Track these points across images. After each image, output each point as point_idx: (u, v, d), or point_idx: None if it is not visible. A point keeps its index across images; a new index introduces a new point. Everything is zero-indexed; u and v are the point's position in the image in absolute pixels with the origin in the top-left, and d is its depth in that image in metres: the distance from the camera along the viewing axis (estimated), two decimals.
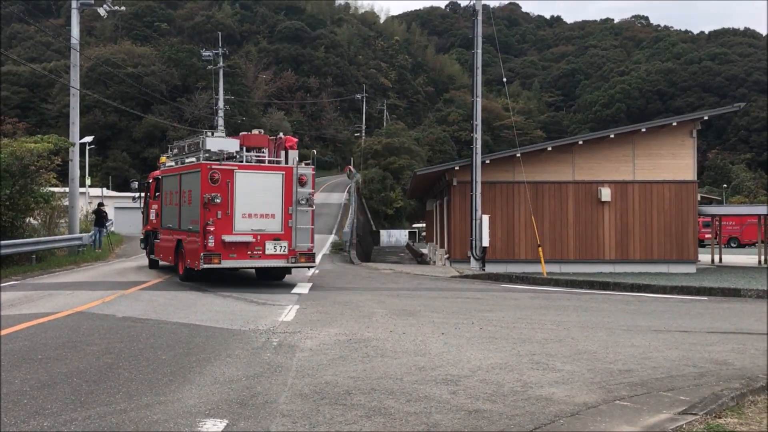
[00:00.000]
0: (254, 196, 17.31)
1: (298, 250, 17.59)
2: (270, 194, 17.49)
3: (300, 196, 17.64)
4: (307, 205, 17.77)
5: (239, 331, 10.51)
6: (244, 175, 17.32)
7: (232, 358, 8.48)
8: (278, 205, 17.52)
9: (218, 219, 16.89)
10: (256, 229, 17.30)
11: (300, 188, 17.67)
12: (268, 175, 17.63)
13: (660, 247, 26.20)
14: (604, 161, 26.57)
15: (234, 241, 17.01)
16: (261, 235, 17.31)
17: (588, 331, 10.82)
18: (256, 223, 17.33)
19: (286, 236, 17.53)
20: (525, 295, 16.93)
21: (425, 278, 21.68)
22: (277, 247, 17.43)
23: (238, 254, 17.10)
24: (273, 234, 17.43)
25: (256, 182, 17.42)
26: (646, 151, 26.53)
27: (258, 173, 17.57)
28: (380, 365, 8.05)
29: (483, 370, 7.81)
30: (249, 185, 17.30)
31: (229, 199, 17.01)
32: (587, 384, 7.20)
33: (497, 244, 26.04)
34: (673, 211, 26.24)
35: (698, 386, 7.14)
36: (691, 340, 10.05)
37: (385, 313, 12.72)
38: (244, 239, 17.09)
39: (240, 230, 17.14)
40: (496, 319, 12.09)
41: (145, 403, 6.39)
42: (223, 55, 57.19)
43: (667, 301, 16.03)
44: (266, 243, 17.33)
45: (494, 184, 26.34)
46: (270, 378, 7.39)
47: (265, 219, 17.41)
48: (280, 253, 17.47)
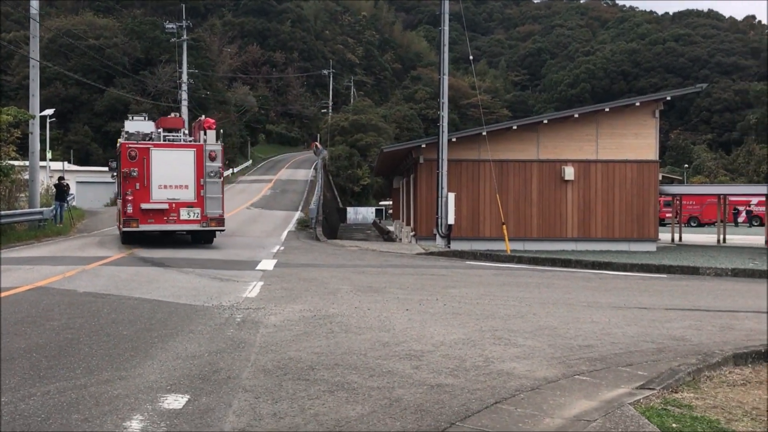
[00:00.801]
0: (169, 170, 20.53)
1: (209, 215, 20.91)
2: (183, 168, 20.63)
3: (210, 170, 20.82)
4: (216, 177, 20.91)
5: (202, 307, 10.44)
6: (160, 151, 20.67)
7: (194, 333, 8.43)
8: (191, 178, 20.66)
9: (136, 190, 20.30)
10: (171, 198, 20.61)
11: (210, 162, 20.79)
12: (182, 152, 20.91)
13: (621, 226, 26.55)
14: (568, 140, 26.78)
15: (151, 209, 20.39)
16: (176, 203, 20.67)
17: (549, 308, 10.95)
18: (171, 193, 20.60)
19: (199, 204, 20.82)
20: (489, 272, 17.06)
21: (391, 255, 21.73)
22: (190, 213, 20.77)
23: (156, 219, 20.52)
24: (187, 202, 20.74)
25: (170, 158, 20.69)
26: (609, 131, 26.78)
27: (172, 150, 20.93)
28: (344, 341, 8.06)
29: (446, 346, 7.86)
30: (164, 160, 20.54)
31: (145, 173, 20.37)
32: (548, 359, 7.29)
33: (462, 222, 26.17)
34: (634, 191, 26.57)
35: (656, 362, 7.27)
36: (650, 317, 10.22)
37: (351, 289, 12.73)
38: (160, 207, 20.50)
39: (157, 199, 20.50)
40: (459, 296, 12.17)
41: (106, 378, 6.33)
42: (187, 27, 56.38)
43: (628, 279, 16.27)
44: (181, 210, 20.69)
45: (460, 162, 26.40)
46: (233, 354, 7.37)
47: (179, 189, 20.66)
48: (194, 219, 20.79)
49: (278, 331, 8.64)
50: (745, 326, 9.57)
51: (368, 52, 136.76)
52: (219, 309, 10.25)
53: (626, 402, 5.75)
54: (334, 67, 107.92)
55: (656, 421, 5.30)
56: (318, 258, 20.10)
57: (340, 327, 8.93)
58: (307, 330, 8.70)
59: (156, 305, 10.52)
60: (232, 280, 13.86)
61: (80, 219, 34.02)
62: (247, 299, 11.27)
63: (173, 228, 21.14)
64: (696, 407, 5.75)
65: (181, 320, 9.32)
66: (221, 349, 7.57)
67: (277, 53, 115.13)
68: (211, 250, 20.92)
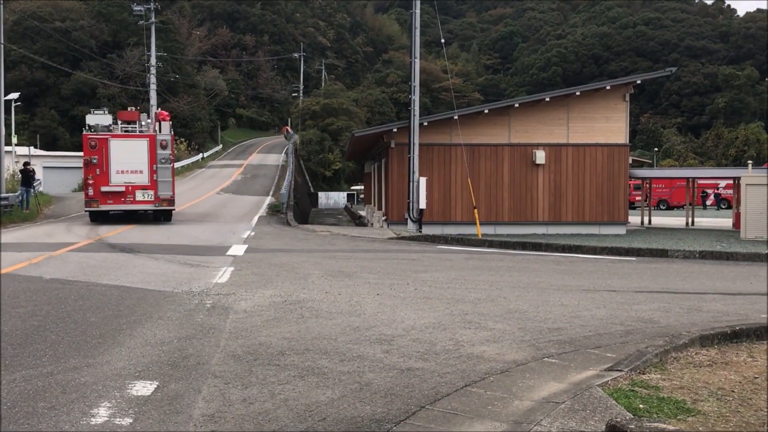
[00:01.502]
0: (126, 157, 24.20)
1: (161, 197, 24.61)
2: (138, 156, 24.31)
3: (161, 157, 24.47)
4: (167, 164, 24.59)
5: (171, 293, 10.39)
6: (117, 141, 24.37)
7: (163, 320, 8.39)
8: (145, 164, 24.34)
9: (97, 175, 24.11)
10: (127, 181, 24.32)
11: (161, 150, 24.48)
12: (136, 142, 24.56)
13: (592, 209, 26.80)
14: (540, 124, 26.91)
15: (110, 191, 24.21)
16: (132, 186, 24.35)
17: (520, 291, 11.04)
18: (127, 177, 24.34)
19: (152, 187, 24.41)
20: (460, 257, 17.14)
21: (362, 240, 21.75)
22: (145, 195, 24.46)
23: (114, 200, 24.36)
24: (141, 185, 24.40)
25: (126, 147, 24.39)
26: (580, 115, 26.95)
27: (128, 140, 24.57)
28: (315, 326, 8.07)
29: (416, 330, 7.90)
30: (121, 149, 24.27)
31: (104, 160, 24.06)
32: (517, 342, 7.36)
33: (434, 207, 26.23)
34: (605, 174, 26.80)
35: (624, 344, 7.37)
36: (619, 299, 10.34)
37: (321, 274, 12.73)
38: (118, 189, 24.26)
39: (115, 183, 24.22)
40: (430, 280, 12.22)
41: (73, 366, 6.28)
42: (155, 10, 55.60)
43: (597, 262, 16.45)
44: (136, 192, 24.40)
45: (432, 146, 26.42)
46: (202, 340, 7.35)
47: (134, 174, 24.37)
48: (148, 200, 24.52)
49: (248, 316, 8.62)
50: (713, 308, 9.73)
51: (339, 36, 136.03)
52: (189, 295, 10.20)
53: (594, 384, 5.83)
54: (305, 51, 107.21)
55: (623, 402, 5.38)
56: (289, 243, 20.06)
57: (311, 312, 8.93)
58: (277, 315, 8.69)
59: (124, 292, 10.44)
60: (202, 266, 13.80)
61: (47, 205, 33.58)
62: (217, 285, 11.23)
63: (130, 208, 24.67)
64: (663, 388, 5.84)
65: (150, 306, 9.26)
66: (191, 335, 7.54)
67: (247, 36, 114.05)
68: (180, 236, 20.81)
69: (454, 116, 26.24)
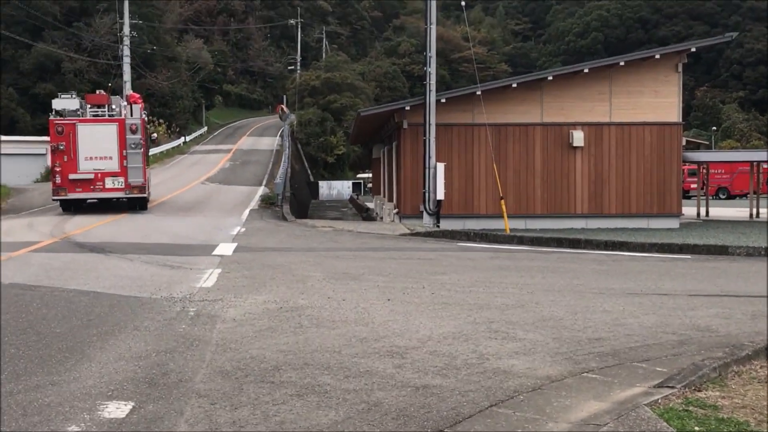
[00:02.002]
0: (94, 143, 25.93)
1: (132, 183, 26.36)
2: (107, 141, 26.05)
3: (131, 142, 26.21)
4: (137, 149, 26.34)
5: (149, 299, 10.43)
6: (85, 126, 26.15)
7: (140, 330, 8.42)
8: (114, 150, 26.09)
9: (65, 162, 25.86)
10: (96, 168, 26.06)
11: (131, 135, 26.23)
12: (105, 126, 26.39)
13: (639, 200, 26.70)
14: (577, 100, 26.81)
15: (78, 179, 25.94)
16: (101, 173, 26.12)
17: (554, 295, 11.03)
18: (96, 164, 26.04)
19: (122, 173, 26.17)
20: (484, 255, 17.13)
21: (370, 237, 21.77)
22: (115, 182, 26.23)
23: (83, 188, 26.15)
24: (111, 172, 26.15)
25: (95, 132, 26.16)
26: (624, 89, 26.82)
27: (96, 125, 26.43)
28: (315, 337, 8.09)
29: (433, 341, 7.91)
30: (89, 134, 26.01)
31: (71, 146, 25.85)
32: (551, 355, 7.35)
33: (454, 197, 26.21)
34: (654, 158, 26.69)
35: (677, 356, 7.35)
36: (671, 304, 10.31)
37: (323, 277, 12.75)
38: (87, 176, 25.99)
39: (83, 170, 25.96)
40: (450, 283, 12.22)
41: (35, 384, 6.32)
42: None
43: (646, 261, 16.40)
44: (106, 179, 26.15)
45: (451, 126, 26.37)
46: (185, 353, 7.37)
47: (104, 160, 26.05)
48: (118, 187, 26.27)
49: (238, 326, 8.65)
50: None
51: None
52: (169, 301, 10.24)
53: (642, 403, 5.81)
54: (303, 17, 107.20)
55: (676, 424, 5.36)
56: (285, 241, 20.09)
57: (311, 321, 8.95)
58: (271, 324, 8.72)
59: (95, 298, 10.49)
60: (185, 268, 13.84)
61: (5, 197, 33.75)
62: (202, 290, 11.27)
63: (100, 196, 26.81)
64: (722, 407, 5.82)
65: (125, 315, 9.30)
66: (171, 348, 7.56)
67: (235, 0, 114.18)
68: (159, 233, 20.88)
69: (476, 91, 26.18)
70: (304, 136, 67.68)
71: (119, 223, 24.06)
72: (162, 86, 70.93)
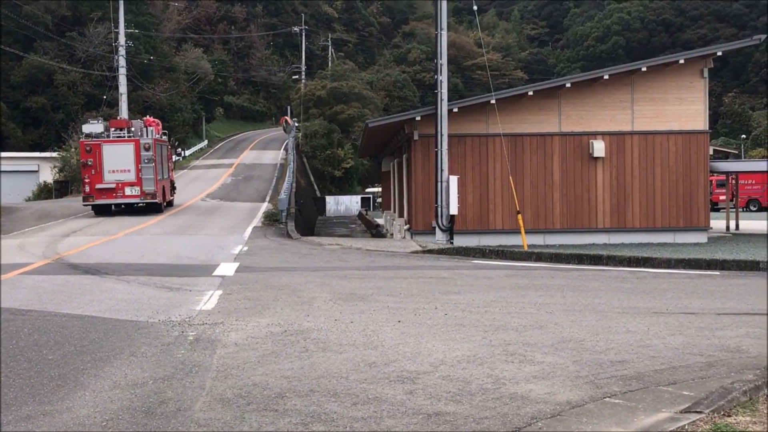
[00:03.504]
0: (116, 159, 33.92)
1: (146, 191, 34.12)
2: (126, 157, 34.05)
3: (144, 158, 34.13)
4: (150, 163, 34.14)
5: (146, 323, 10.44)
6: (109, 146, 34.11)
7: (136, 356, 8.42)
8: (132, 164, 34.02)
9: (92, 174, 33.81)
10: (118, 179, 33.94)
11: (144, 152, 34.21)
12: (125, 146, 34.29)
13: (664, 213, 26.66)
14: (598, 108, 26.85)
15: (103, 188, 33.89)
16: (122, 183, 33.98)
17: (575, 315, 10.99)
18: (118, 176, 33.94)
19: (138, 183, 34.03)
20: (500, 273, 17.09)
21: (380, 254, 21.75)
22: (132, 190, 34.07)
23: (107, 195, 34.10)
24: (129, 182, 34.03)
25: (117, 150, 34.12)
26: (647, 96, 26.85)
27: (118, 145, 34.23)
28: (321, 361, 8.08)
29: (447, 365, 7.89)
30: (112, 152, 34.03)
31: (97, 162, 33.81)
32: (572, 378, 7.32)
33: (468, 212, 26.23)
34: (680, 169, 26.67)
35: (705, 379, 7.30)
36: (699, 324, 10.26)
37: (330, 298, 12.74)
38: (110, 186, 33.91)
39: (107, 181, 33.89)
40: (464, 303, 12.19)
41: (26, 415, 6.32)
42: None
43: (672, 278, 16.33)
44: (125, 188, 34.00)
45: (464, 137, 26.43)
46: (184, 380, 7.37)
47: (124, 173, 33.98)
48: (135, 194, 34.17)
49: (240, 351, 8.64)
50: None
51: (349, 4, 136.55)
52: (167, 325, 10.24)
53: (668, 429, 5.79)
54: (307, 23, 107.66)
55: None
56: (290, 260, 20.09)
57: (317, 344, 8.94)
58: (275, 349, 8.71)
59: (89, 322, 10.50)
60: (184, 289, 13.85)
61: None
62: (202, 312, 11.26)
63: (121, 201, 34.59)
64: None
65: (121, 340, 9.31)
66: (170, 375, 7.56)
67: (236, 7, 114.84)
68: (157, 253, 20.92)
69: (491, 100, 26.24)
70: (309, 149, 67.90)
71: (115, 242, 24.13)
72: (160, 98, 71.26)
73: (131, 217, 33.84)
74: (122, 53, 55.27)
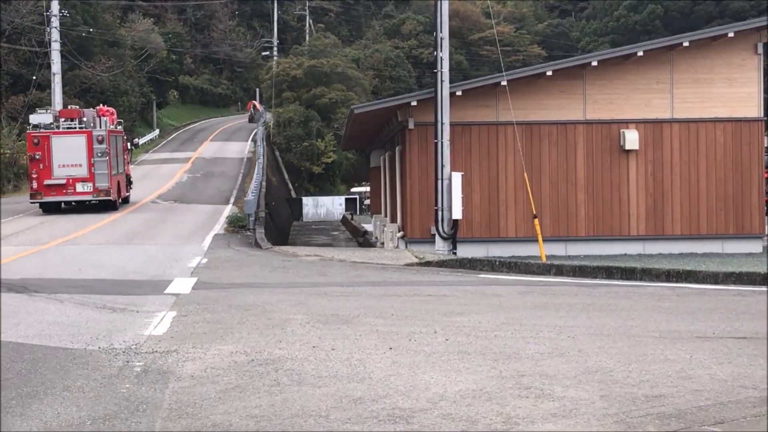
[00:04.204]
0: (66, 152, 36.27)
1: (99, 188, 36.33)
2: (77, 150, 36.33)
3: (98, 151, 36.46)
4: (103, 157, 36.49)
5: (84, 351, 10.41)
6: (58, 138, 36.54)
7: (71, 391, 8.39)
8: (84, 158, 36.33)
9: (40, 169, 36.20)
10: (68, 174, 36.25)
11: (98, 145, 36.49)
12: (75, 137, 36.68)
13: (710, 217, 26.70)
14: (630, 91, 26.88)
15: (53, 184, 36.22)
16: (73, 179, 36.24)
17: (603, 341, 11.00)
18: (68, 170, 36.27)
19: (91, 179, 36.25)
20: (513, 290, 17.08)
21: (368, 268, 21.74)
22: (84, 187, 36.28)
23: (57, 192, 36.37)
24: (81, 178, 36.25)
25: (67, 142, 36.46)
26: (690, 76, 26.90)
27: (68, 136, 36.73)
28: (297, 397, 8.07)
29: (448, 401, 7.88)
30: (62, 145, 36.36)
31: (46, 155, 36.22)
32: (599, 417, 7.32)
33: (474, 216, 26.23)
34: (729, 164, 26.71)
35: (759, 417, 7.32)
36: (752, 351, 10.28)
37: (307, 320, 12.72)
38: (60, 182, 36.26)
39: (57, 176, 36.26)
40: (469, 326, 12.19)
41: None
42: None
43: (720, 295, 16.34)
44: (77, 184, 36.25)
45: (470, 126, 26.44)
46: (129, 420, 7.35)
47: (75, 168, 36.32)
48: (87, 191, 36.39)
49: (198, 384, 8.62)
50: None
51: None
52: (109, 354, 10.21)
53: None
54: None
55: None
56: (258, 274, 20.06)
57: (291, 377, 8.92)
58: (240, 382, 8.69)
59: (15, 350, 10.45)
60: (129, 310, 13.81)
61: None
62: (152, 338, 11.23)
63: (72, 198, 37.13)
64: None
65: (52, 372, 9.27)
66: (111, 414, 7.54)
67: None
68: (98, 266, 20.88)
69: (502, 81, 26.25)
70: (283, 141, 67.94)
71: (46, 253, 24.08)
72: (101, 79, 71.06)
73: (71, 220, 33.93)
74: (55, 24, 55.08)
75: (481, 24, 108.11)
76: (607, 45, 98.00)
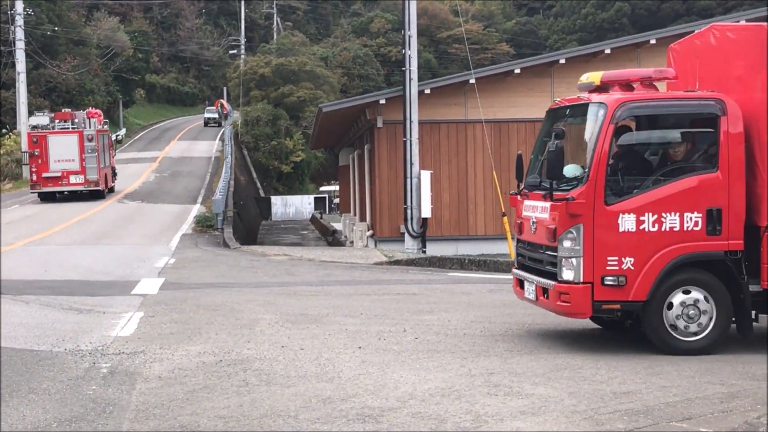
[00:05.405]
0: (61, 149, 41.46)
1: (89, 179, 41.50)
2: (71, 147, 41.54)
3: (88, 148, 41.51)
4: (93, 153, 41.64)
5: (49, 352, 10.36)
6: (54, 137, 41.92)
7: (37, 393, 8.36)
8: (76, 154, 41.34)
9: (39, 164, 41.46)
10: (63, 168, 41.35)
11: (88, 143, 41.68)
12: (69, 136, 42.00)
13: None
14: None
15: (50, 176, 41.41)
16: (67, 172, 41.37)
17: (572, 337, 11.05)
18: (63, 165, 41.34)
19: (82, 172, 41.43)
20: (482, 288, 17.14)
21: (338, 267, 21.73)
22: (77, 179, 41.39)
23: (53, 183, 41.56)
24: (74, 171, 41.39)
25: (61, 141, 41.76)
26: None
27: (62, 135, 42.03)
28: (265, 397, 8.07)
29: (417, 399, 7.90)
30: (57, 143, 41.63)
31: (44, 152, 41.41)
32: (567, 414, 7.36)
33: (444, 214, 26.25)
34: None
35: (726, 413, 7.38)
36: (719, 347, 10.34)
37: (275, 319, 12.72)
38: (55, 175, 41.39)
39: (53, 170, 41.34)
40: (438, 324, 12.22)
41: None
42: None
43: None
44: (70, 176, 41.36)
45: (438, 124, 26.45)
46: (96, 422, 7.33)
47: (68, 162, 41.36)
48: (79, 182, 41.52)
49: (165, 385, 8.60)
50: None
51: None
52: (75, 355, 10.17)
53: None
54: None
55: None
56: (226, 274, 20.02)
57: (259, 377, 8.92)
58: (209, 383, 8.68)
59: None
60: (96, 311, 13.76)
61: None
62: (119, 339, 11.20)
63: (66, 189, 41.94)
64: None
65: (18, 374, 9.23)
66: (78, 416, 7.51)
67: None
68: (64, 266, 20.75)
69: (470, 79, 26.27)
70: (251, 140, 67.65)
71: (11, 254, 23.90)
72: (66, 78, 70.59)
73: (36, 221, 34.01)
74: (19, 23, 54.75)
75: (449, 22, 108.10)
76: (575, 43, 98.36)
